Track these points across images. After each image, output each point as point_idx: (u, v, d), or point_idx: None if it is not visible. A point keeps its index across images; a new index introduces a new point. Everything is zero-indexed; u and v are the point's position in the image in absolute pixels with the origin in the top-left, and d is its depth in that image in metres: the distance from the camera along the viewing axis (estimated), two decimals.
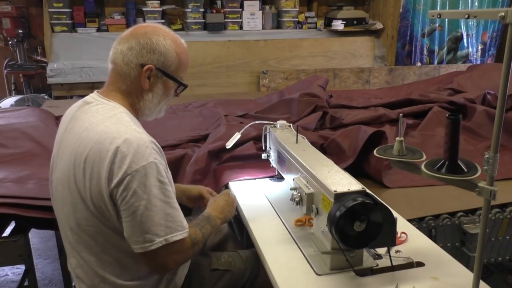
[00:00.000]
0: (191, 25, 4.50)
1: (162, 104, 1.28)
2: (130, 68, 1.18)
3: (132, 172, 1.06)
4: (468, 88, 3.02)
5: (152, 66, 1.19)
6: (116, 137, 1.08)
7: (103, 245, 1.16)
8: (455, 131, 1.04)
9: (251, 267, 1.43)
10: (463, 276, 1.15)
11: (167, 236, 1.10)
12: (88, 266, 1.19)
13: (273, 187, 1.75)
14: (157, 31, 1.21)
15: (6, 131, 1.95)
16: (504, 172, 1.98)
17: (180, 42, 1.26)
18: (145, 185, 1.07)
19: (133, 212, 1.07)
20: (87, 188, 1.10)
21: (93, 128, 1.12)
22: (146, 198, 1.07)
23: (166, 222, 1.10)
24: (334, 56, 4.75)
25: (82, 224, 1.14)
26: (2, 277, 2.50)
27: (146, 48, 1.18)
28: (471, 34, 5.20)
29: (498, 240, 1.80)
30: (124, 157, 1.06)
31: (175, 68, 1.24)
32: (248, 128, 1.89)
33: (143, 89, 1.21)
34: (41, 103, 3.76)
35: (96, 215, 1.12)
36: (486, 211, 0.95)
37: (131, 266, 1.20)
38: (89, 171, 1.09)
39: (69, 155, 1.14)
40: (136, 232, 1.09)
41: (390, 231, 1.10)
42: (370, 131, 1.93)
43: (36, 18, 4.45)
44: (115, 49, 1.20)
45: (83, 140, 1.12)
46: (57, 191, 1.20)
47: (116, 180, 1.06)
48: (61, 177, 1.17)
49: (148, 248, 1.09)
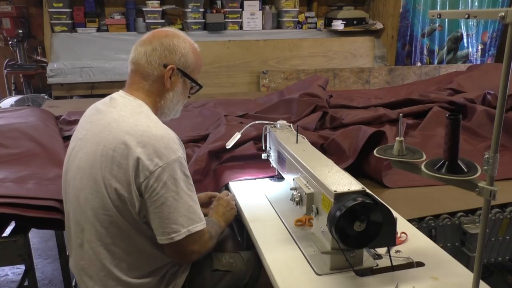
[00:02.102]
0: (191, 25, 4.50)
1: (180, 104, 1.36)
2: (154, 68, 1.25)
3: (163, 165, 1.12)
4: (468, 88, 3.02)
5: (174, 66, 1.27)
6: (147, 131, 1.15)
7: (115, 237, 1.19)
8: (455, 131, 1.04)
9: (252, 268, 1.44)
10: (463, 276, 1.15)
11: (189, 227, 1.17)
12: (96, 258, 1.21)
13: (273, 187, 1.75)
14: (177, 35, 1.30)
15: (6, 131, 1.95)
16: (504, 172, 1.98)
17: (196, 46, 1.35)
18: (174, 177, 1.14)
19: (162, 203, 1.13)
20: (113, 176, 1.14)
21: (124, 120, 1.18)
22: (175, 190, 1.14)
23: (189, 214, 1.17)
24: (334, 56, 4.75)
25: (99, 213, 1.17)
26: (2, 277, 2.50)
27: (169, 49, 1.26)
28: (471, 34, 5.20)
29: (498, 240, 1.80)
30: (156, 151, 1.12)
31: (192, 69, 1.32)
32: (248, 128, 1.89)
33: (165, 88, 1.28)
34: (41, 103, 3.76)
35: (116, 204, 1.15)
36: (486, 211, 0.95)
37: (138, 263, 1.23)
38: (118, 160, 1.13)
39: (95, 144, 1.18)
40: (164, 223, 1.15)
41: (390, 231, 1.10)
42: (370, 131, 1.93)
43: (36, 18, 4.45)
44: (137, 51, 1.27)
45: (113, 130, 1.17)
46: (75, 179, 1.22)
47: (147, 172, 1.12)
48: (83, 165, 1.20)
49: (174, 239, 1.15)
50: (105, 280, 1.22)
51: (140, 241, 1.21)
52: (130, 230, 1.19)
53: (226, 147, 1.86)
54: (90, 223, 1.20)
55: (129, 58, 1.29)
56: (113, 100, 1.26)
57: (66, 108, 2.90)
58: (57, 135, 2.14)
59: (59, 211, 1.42)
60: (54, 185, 1.53)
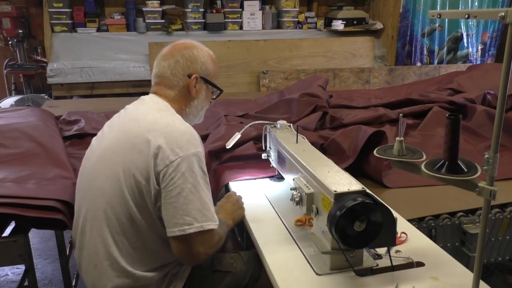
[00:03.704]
0: (191, 25, 4.50)
1: (203, 109, 1.44)
2: (179, 78, 1.34)
3: (183, 155, 1.17)
4: (468, 88, 3.02)
5: (198, 75, 1.35)
6: (171, 124, 1.23)
7: (124, 227, 1.21)
8: (455, 131, 1.04)
9: (253, 268, 1.44)
10: (463, 276, 1.15)
11: (202, 223, 1.17)
12: (103, 245, 1.22)
13: (273, 187, 1.75)
14: (194, 45, 1.39)
15: (6, 131, 1.94)
16: (504, 172, 1.98)
17: (212, 53, 1.43)
18: (193, 170, 1.17)
19: (179, 193, 1.15)
20: (132, 162, 1.18)
21: (150, 113, 1.27)
22: (192, 182, 1.17)
23: (203, 210, 1.18)
24: (334, 56, 4.75)
25: (114, 201, 1.20)
26: (2, 277, 2.50)
27: (190, 59, 1.35)
28: (471, 34, 5.19)
29: (498, 240, 1.80)
30: (177, 142, 1.18)
31: (212, 75, 1.41)
32: (248, 128, 1.89)
33: (191, 96, 1.36)
34: (41, 103, 3.76)
35: (132, 191, 1.18)
36: (486, 211, 0.95)
37: (143, 257, 1.24)
38: (139, 147, 1.19)
39: (119, 133, 1.26)
40: (177, 214, 1.16)
41: (390, 231, 1.10)
42: (370, 131, 1.93)
43: (36, 18, 4.45)
44: (161, 65, 1.36)
45: (139, 121, 1.25)
46: (94, 165, 1.28)
47: (167, 161, 1.16)
48: (104, 152, 1.27)
49: (186, 231, 1.15)
50: (109, 269, 1.22)
51: (148, 236, 1.22)
52: (141, 222, 1.21)
53: (226, 147, 1.86)
54: (103, 211, 1.22)
55: (153, 73, 1.38)
56: (142, 100, 1.35)
57: (66, 108, 2.89)
58: (57, 135, 2.13)
59: (59, 211, 1.42)
60: (54, 185, 1.53)
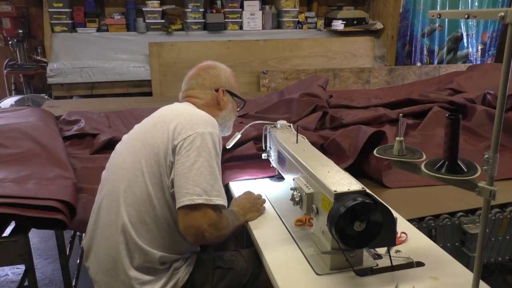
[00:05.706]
0: (191, 25, 4.50)
1: (231, 120, 1.59)
2: (207, 93, 1.51)
3: (200, 132, 1.27)
4: (468, 88, 3.02)
5: (224, 88, 1.52)
6: (195, 112, 1.37)
7: (139, 202, 1.28)
8: (455, 131, 1.04)
9: (253, 265, 1.45)
10: (463, 276, 1.15)
11: (211, 197, 1.22)
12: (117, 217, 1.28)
13: (273, 187, 1.75)
14: (216, 64, 1.58)
15: (6, 131, 1.94)
16: (504, 172, 1.98)
17: (231, 70, 1.61)
18: (207, 146, 1.27)
19: (192, 164, 1.23)
20: (152, 136, 1.31)
21: (179, 107, 1.42)
22: (205, 157, 1.25)
23: (214, 185, 1.24)
24: (334, 56, 4.75)
25: (132, 175, 1.30)
26: (2, 277, 2.50)
27: (215, 76, 1.53)
28: (471, 34, 5.19)
29: (498, 240, 1.80)
30: (197, 122, 1.30)
31: (235, 88, 1.58)
32: (248, 128, 1.89)
33: (219, 107, 1.52)
34: (41, 103, 3.76)
35: (149, 164, 1.28)
36: (486, 211, 0.95)
37: (155, 234, 1.29)
38: (160, 124, 1.33)
39: (149, 121, 1.40)
40: (188, 184, 1.21)
41: (390, 231, 1.11)
42: (370, 131, 1.93)
43: (36, 18, 4.45)
44: (190, 84, 1.53)
45: (165, 109, 1.42)
46: (124, 146, 1.41)
47: (184, 135, 1.27)
48: (131, 135, 1.42)
49: (195, 201, 1.19)
50: (119, 242, 1.27)
51: (161, 215, 1.27)
52: (155, 198, 1.27)
53: (226, 147, 1.86)
54: (122, 184, 1.30)
55: (182, 90, 1.54)
56: (174, 103, 1.48)
57: (66, 108, 2.89)
58: (57, 135, 2.13)
59: (59, 211, 1.42)
60: (54, 185, 1.53)
